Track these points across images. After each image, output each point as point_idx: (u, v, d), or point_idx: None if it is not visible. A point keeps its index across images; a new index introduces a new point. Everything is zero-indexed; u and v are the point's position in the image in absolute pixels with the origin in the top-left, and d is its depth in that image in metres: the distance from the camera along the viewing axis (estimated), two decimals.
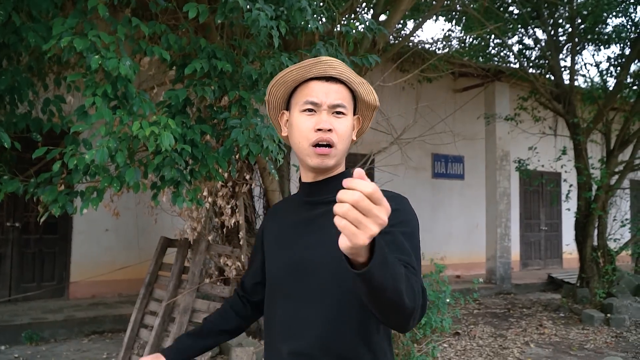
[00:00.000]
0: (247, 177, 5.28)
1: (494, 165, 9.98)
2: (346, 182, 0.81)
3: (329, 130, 1.25)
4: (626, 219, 8.94)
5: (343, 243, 0.84)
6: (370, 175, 8.77)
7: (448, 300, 5.26)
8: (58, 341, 5.75)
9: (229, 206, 5.02)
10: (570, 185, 8.56)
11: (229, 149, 3.45)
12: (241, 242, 5.21)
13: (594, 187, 8.34)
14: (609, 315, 7.17)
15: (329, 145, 1.26)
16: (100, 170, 3.09)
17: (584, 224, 8.40)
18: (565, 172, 9.25)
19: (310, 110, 1.27)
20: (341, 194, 0.81)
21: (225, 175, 4.27)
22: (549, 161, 9.75)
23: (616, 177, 8.51)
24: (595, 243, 8.46)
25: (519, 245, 11.62)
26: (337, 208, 0.81)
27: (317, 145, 1.25)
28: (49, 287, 7.07)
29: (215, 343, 1.53)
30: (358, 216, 0.80)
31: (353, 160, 7.37)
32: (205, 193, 4.73)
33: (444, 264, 5.52)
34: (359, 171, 0.82)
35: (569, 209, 9.12)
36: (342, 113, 1.28)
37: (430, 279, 5.31)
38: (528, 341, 6.17)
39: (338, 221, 0.82)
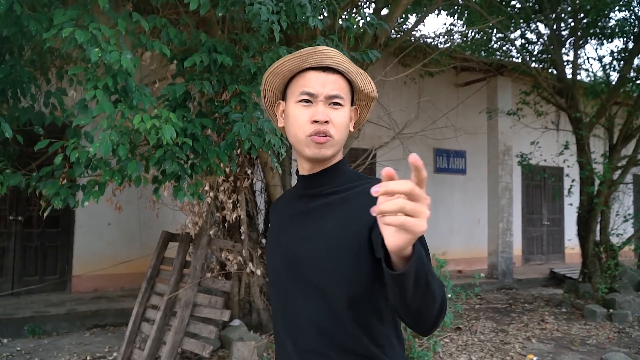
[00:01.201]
0: (249, 171, 5.28)
1: (496, 160, 9.96)
2: (387, 174, 0.80)
3: (326, 122, 1.23)
4: (629, 214, 8.90)
5: (398, 240, 0.82)
6: (372, 170, 8.77)
7: (449, 295, 5.27)
8: (60, 334, 5.77)
9: (231, 201, 5.02)
10: (573, 180, 8.54)
11: (230, 143, 3.45)
12: (242, 237, 5.22)
13: (597, 181, 8.32)
14: (611, 310, 7.16)
15: (326, 136, 1.24)
16: (101, 163, 3.10)
17: (587, 219, 8.39)
18: (568, 166, 9.23)
19: (306, 101, 1.25)
20: (394, 186, 0.79)
21: (227, 169, 4.28)
22: (551, 156, 9.72)
23: (619, 171, 8.48)
24: (598, 238, 8.44)
25: (521, 240, 11.61)
26: (388, 205, 0.79)
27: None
28: (52, 281, 7.10)
29: None
30: (415, 205, 0.80)
31: (355, 154, 7.36)
32: (206, 187, 4.74)
33: (446, 258, 5.53)
34: (387, 171, 0.81)
35: (571, 204, 9.10)
36: (339, 104, 1.26)
37: None
38: (530, 336, 6.17)
39: (392, 219, 0.80)
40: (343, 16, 4.59)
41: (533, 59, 9.39)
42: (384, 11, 6.30)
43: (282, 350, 1.31)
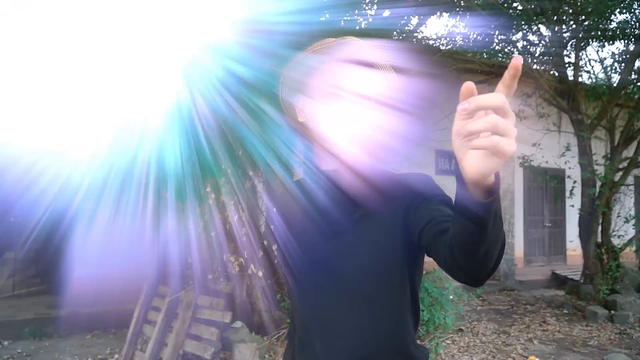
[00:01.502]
0: (250, 173, 5.27)
1: None
2: (469, 89, 0.72)
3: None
4: (630, 215, 8.90)
5: (486, 166, 0.73)
6: None
7: (451, 296, 5.26)
8: (61, 337, 5.76)
9: (232, 202, 5.01)
10: (574, 182, 8.53)
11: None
12: (244, 238, 5.21)
13: (598, 183, 8.32)
14: (612, 312, 7.15)
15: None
16: None
17: (588, 220, 8.37)
18: (569, 168, 9.21)
19: (335, 95, 1.19)
20: (486, 100, 0.70)
21: (228, 171, 4.27)
22: (553, 157, 9.71)
23: (620, 173, 8.48)
24: (599, 239, 8.43)
25: (522, 241, 11.58)
26: (480, 124, 0.69)
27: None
28: (53, 283, 7.09)
29: None
30: (506, 122, 0.69)
31: None
32: (208, 189, 4.73)
33: None
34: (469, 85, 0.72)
35: (572, 206, 9.09)
36: None
37: (434, 275, 5.31)
38: (531, 338, 6.16)
39: (483, 142, 0.70)
40: (345, 17, 4.58)
41: (535, 60, 9.38)
42: (386, 13, 6.30)
43: (308, 352, 1.26)
